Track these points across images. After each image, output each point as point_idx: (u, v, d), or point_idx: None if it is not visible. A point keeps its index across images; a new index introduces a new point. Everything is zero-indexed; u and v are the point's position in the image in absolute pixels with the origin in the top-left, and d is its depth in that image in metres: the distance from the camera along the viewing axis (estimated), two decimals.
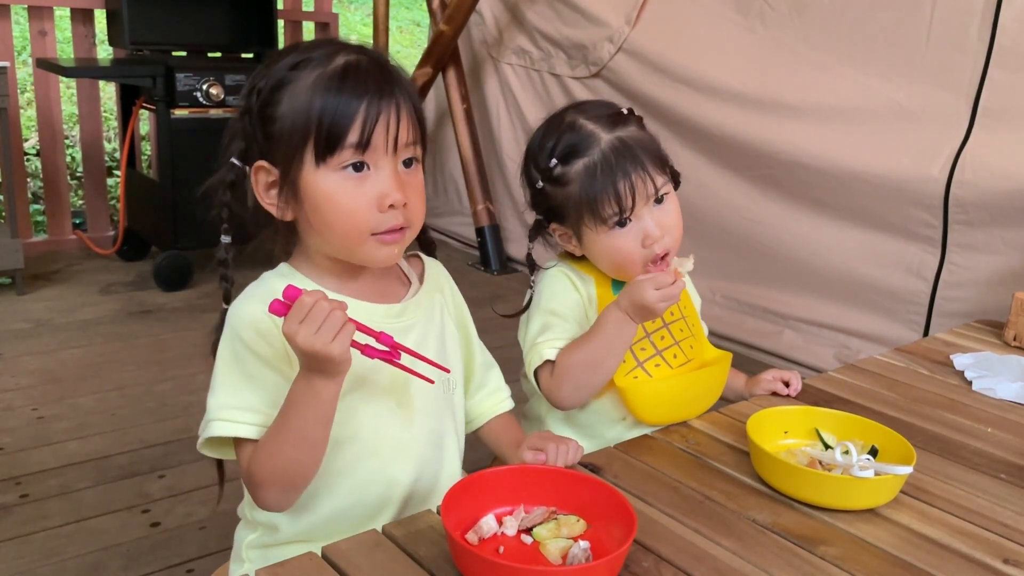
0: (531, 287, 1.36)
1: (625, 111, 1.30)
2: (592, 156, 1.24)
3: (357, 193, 0.99)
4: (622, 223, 1.25)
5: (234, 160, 1.03)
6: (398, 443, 1.08)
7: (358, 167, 0.99)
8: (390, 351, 0.97)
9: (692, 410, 1.32)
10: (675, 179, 1.32)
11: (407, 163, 1.02)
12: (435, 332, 1.13)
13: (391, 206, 1.00)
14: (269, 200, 1.02)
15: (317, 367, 0.92)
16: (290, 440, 0.96)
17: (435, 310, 1.15)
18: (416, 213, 1.04)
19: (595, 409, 1.33)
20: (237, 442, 1.01)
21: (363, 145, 0.97)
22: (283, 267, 1.08)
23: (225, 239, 1.05)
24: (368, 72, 0.99)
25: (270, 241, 1.08)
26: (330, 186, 0.98)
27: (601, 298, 1.32)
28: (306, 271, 1.07)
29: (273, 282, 1.06)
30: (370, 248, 1.02)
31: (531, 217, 1.37)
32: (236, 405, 0.99)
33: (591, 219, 1.25)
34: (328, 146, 0.97)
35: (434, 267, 1.19)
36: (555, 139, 1.27)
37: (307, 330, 0.89)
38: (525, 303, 1.36)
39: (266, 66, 1.03)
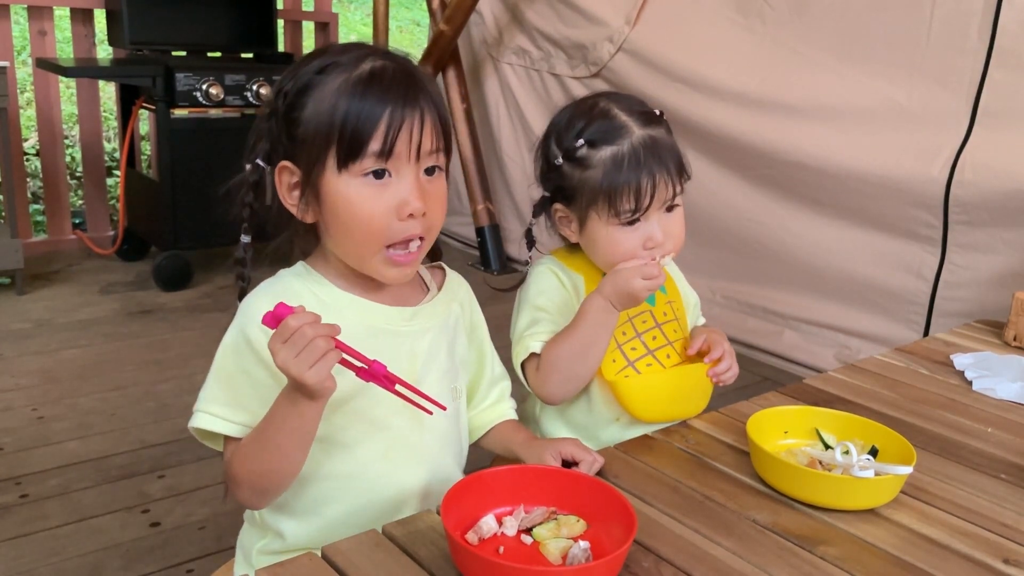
0: (528, 262, 1.37)
1: (658, 112, 1.29)
2: (622, 147, 1.22)
3: (377, 200, 0.98)
4: (632, 221, 1.24)
5: (259, 161, 1.02)
6: (409, 446, 1.08)
7: (379, 174, 0.98)
8: (386, 378, 0.95)
9: (687, 407, 1.32)
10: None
11: (429, 171, 1.01)
12: (446, 341, 1.13)
13: (410, 215, 0.99)
14: (292, 201, 1.02)
15: (297, 388, 0.91)
16: (267, 449, 0.96)
17: (450, 320, 1.15)
18: (435, 222, 1.03)
19: (589, 410, 1.33)
20: (225, 436, 1.01)
21: (385, 153, 0.97)
22: (300, 266, 1.08)
23: (245, 239, 1.04)
24: (394, 79, 0.98)
25: (289, 241, 1.08)
26: (350, 192, 0.98)
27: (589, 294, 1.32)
28: (323, 271, 1.07)
29: (289, 281, 1.06)
30: (379, 264, 1.01)
31: (533, 212, 1.36)
32: (224, 401, 1.00)
33: (604, 208, 1.23)
34: (350, 152, 0.96)
35: (455, 280, 1.20)
36: (585, 121, 1.26)
37: (286, 352, 0.88)
38: (519, 281, 1.37)
39: (294, 68, 1.03)
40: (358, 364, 0.94)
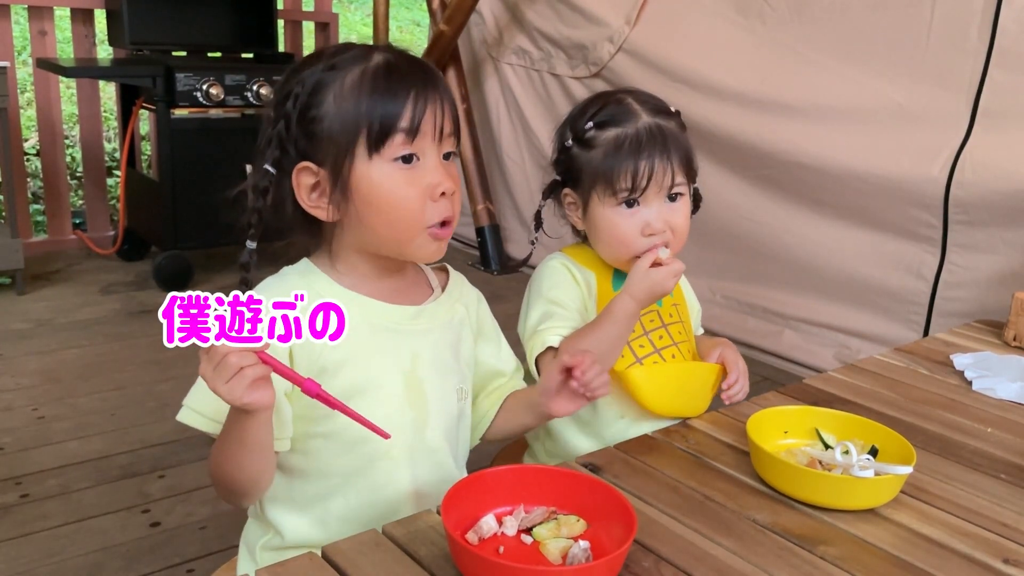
0: (532, 243, 1.40)
1: (674, 110, 1.33)
2: (626, 129, 1.26)
3: (409, 185, 1.01)
4: (630, 203, 1.26)
5: (268, 167, 1.02)
6: (412, 446, 1.08)
7: (408, 159, 1.01)
8: (319, 396, 0.91)
9: (691, 404, 1.32)
10: (696, 200, 1.35)
11: (446, 156, 1.05)
12: (451, 342, 1.14)
13: (443, 194, 1.02)
14: (312, 203, 1.03)
15: None
16: (223, 456, 0.97)
17: (454, 321, 1.15)
18: (458, 206, 1.06)
19: (594, 406, 1.32)
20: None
21: (413, 132, 0.99)
22: (304, 264, 1.09)
23: (251, 244, 1.04)
24: (410, 67, 1.03)
25: (294, 245, 1.09)
26: (383, 177, 1.00)
27: (601, 290, 1.32)
28: (327, 268, 1.08)
29: (292, 278, 1.07)
30: (421, 242, 1.03)
31: (542, 195, 1.39)
32: (208, 399, 0.97)
33: (603, 188, 1.26)
34: (380, 136, 0.99)
35: (459, 281, 1.20)
36: (598, 107, 1.30)
37: (204, 366, 0.87)
38: (525, 257, 1.42)
39: (294, 71, 1.03)
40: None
